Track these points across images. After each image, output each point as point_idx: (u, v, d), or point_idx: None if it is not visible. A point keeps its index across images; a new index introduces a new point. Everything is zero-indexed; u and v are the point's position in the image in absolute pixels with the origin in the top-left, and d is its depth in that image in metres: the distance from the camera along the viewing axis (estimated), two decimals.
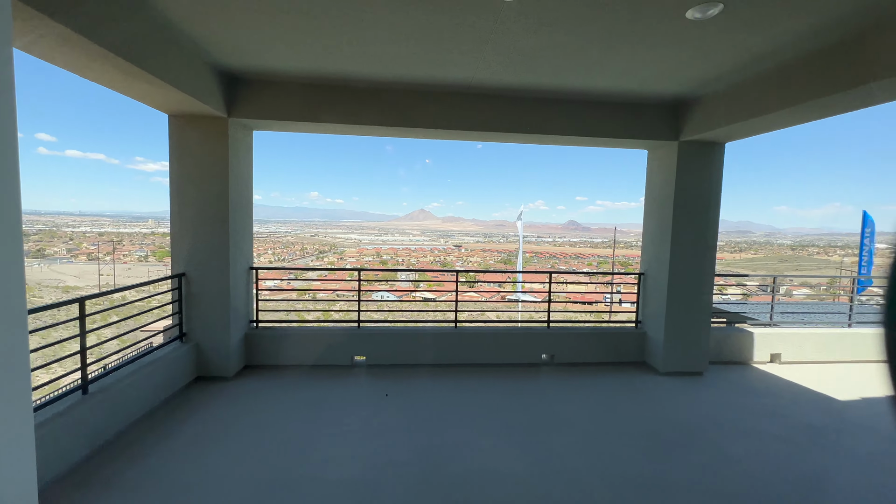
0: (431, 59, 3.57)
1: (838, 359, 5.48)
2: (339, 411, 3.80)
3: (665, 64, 3.52)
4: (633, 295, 5.53)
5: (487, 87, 4.26)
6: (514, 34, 3.05)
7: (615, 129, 4.64)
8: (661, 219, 4.94)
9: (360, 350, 4.97)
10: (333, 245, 55.65)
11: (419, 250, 60.08)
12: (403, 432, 3.46)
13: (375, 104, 4.34)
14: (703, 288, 4.85)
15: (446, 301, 5.51)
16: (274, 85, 4.22)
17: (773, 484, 2.88)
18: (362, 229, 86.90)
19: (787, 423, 3.77)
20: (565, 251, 58.05)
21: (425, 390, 4.31)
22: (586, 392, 4.38)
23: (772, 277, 6.35)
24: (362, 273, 5.25)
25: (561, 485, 2.83)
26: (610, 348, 5.24)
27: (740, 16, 2.69)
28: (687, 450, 3.32)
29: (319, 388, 4.29)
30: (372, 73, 3.92)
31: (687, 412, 3.96)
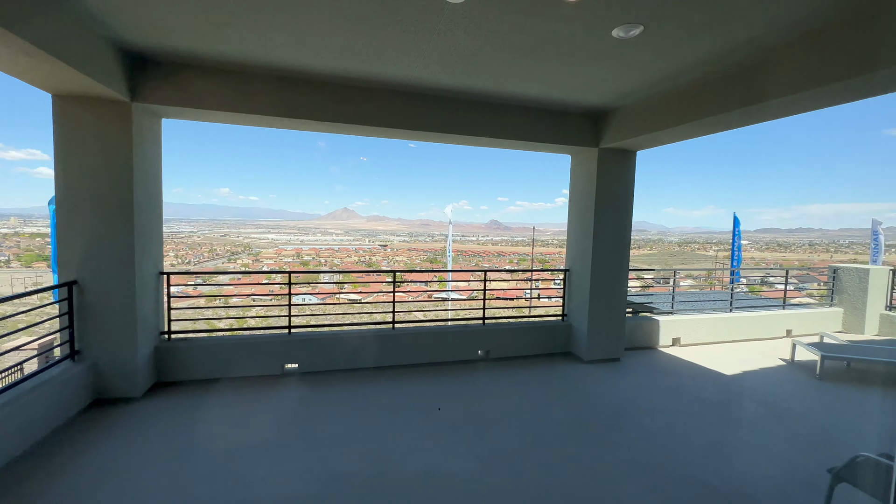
0: (370, 55, 3.47)
1: (723, 339, 6.41)
2: (271, 425, 3.53)
3: (590, 76, 3.81)
4: (551, 290, 5.91)
5: (425, 87, 4.25)
6: (456, 36, 3.09)
7: (544, 134, 4.92)
8: (584, 219, 5.35)
9: (292, 357, 4.67)
10: (247, 246, 51.60)
11: (343, 250, 58.19)
12: (344, 441, 3.32)
13: (308, 97, 4.10)
14: (619, 282, 5.35)
15: (384, 302, 5.40)
16: (189, 69, 3.79)
17: (682, 453, 3.27)
18: (280, 229, 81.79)
19: (689, 397, 4.31)
20: (488, 249, 60.30)
21: (365, 395, 4.18)
22: (521, 384, 4.59)
23: (672, 271, 7.22)
24: (292, 275, 4.93)
25: (506, 475, 2.93)
26: (540, 341, 5.55)
27: (655, 39, 3.01)
28: (612, 429, 3.64)
29: (247, 401, 3.95)
30: (306, 64, 3.70)
31: (610, 395, 4.34)
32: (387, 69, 3.79)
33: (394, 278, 5.20)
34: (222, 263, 41.08)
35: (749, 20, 2.73)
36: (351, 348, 4.85)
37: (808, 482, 2.90)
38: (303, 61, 3.65)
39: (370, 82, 4.14)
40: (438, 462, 3.07)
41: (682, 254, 56.09)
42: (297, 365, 4.70)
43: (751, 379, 4.92)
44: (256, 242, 55.24)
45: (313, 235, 70.41)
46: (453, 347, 5.21)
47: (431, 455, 3.17)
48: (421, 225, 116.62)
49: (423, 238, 75.48)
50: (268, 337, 4.71)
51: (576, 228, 5.56)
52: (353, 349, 4.86)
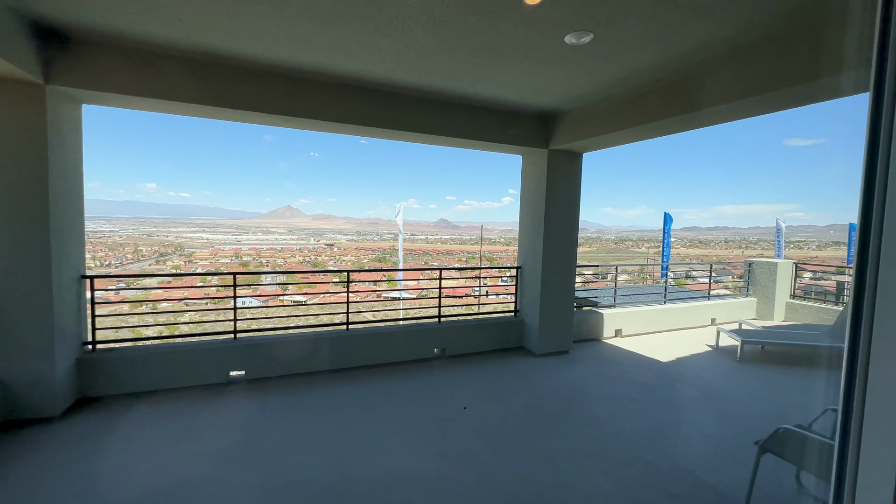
0: (325, 47, 3.34)
1: (659, 329, 6.94)
2: (216, 437, 3.30)
3: (542, 79, 3.95)
4: (500, 287, 6.07)
5: (380, 83, 4.17)
6: (414, 33, 3.06)
7: (497, 134, 5.02)
8: (535, 218, 5.54)
9: (238, 364, 4.40)
10: (179, 246, 47.73)
11: (287, 250, 55.62)
12: (300, 448, 3.19)
13: (254, 87, 3.86)
14: (568, 278, 5.61)
15: (337, 303, 5.24)
16: (115, 49, 3.42)
17: (629, 436, 3.49)
18: (216, 228, 76.76)
19: (632, 384, 4.62)
20: (437, 248, 60.60)
21: (320, 399, 4.04)
22: (477, 380, 4.66)
23: (614, 267, 7.69)
24: (237, 277, 4.63)
25: (466, 470, 2.96)
26: (494, 337, 5.67)
27: (604, 46, 3.18)
28: (565, 418, 3.81)
29: (187, 414, 3.66)
30: (254, 52, 3.48)
31: (561, 386, 4.54)
32: (341, 63, 3.67)
33: (347, 278, 5.06)
34: (150, 266, 37.68)
35: (685, 35, 2.97)
36: (303, 351, 4.66)
37: (735, 455, 3.21)
38: (248, 49, 3.43)
39: (323, 75, 3.98)
40: (399, 462, 3.04)
41: (618, 250, 59.90)
42: (243, 372, 4.43)
43: (683, 364, 5.37)
44: (189, 242, 51.31)
45: (253, 235, 66.69)
46: (410, 346, 5.18)
47: (391, 456, 3.13)
48: (369, 224, 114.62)
49: (371, 237, 74.21)
50: (210, 343, 4.39)
51: (527, 227, 5.74)
52: (305, 352, 4.67)
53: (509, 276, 13.87)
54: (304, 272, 5.29)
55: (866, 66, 0.85)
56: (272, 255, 50.85)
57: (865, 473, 0.76)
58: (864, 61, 0.91)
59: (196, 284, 23.02)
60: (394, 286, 14.25)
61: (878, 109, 0.76)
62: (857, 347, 0.76)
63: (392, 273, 16.30)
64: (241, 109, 3.85)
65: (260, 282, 22.62)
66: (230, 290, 4.53)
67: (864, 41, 0.98)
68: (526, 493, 2.74)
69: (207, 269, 36.58)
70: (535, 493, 2.73)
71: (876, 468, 0.74)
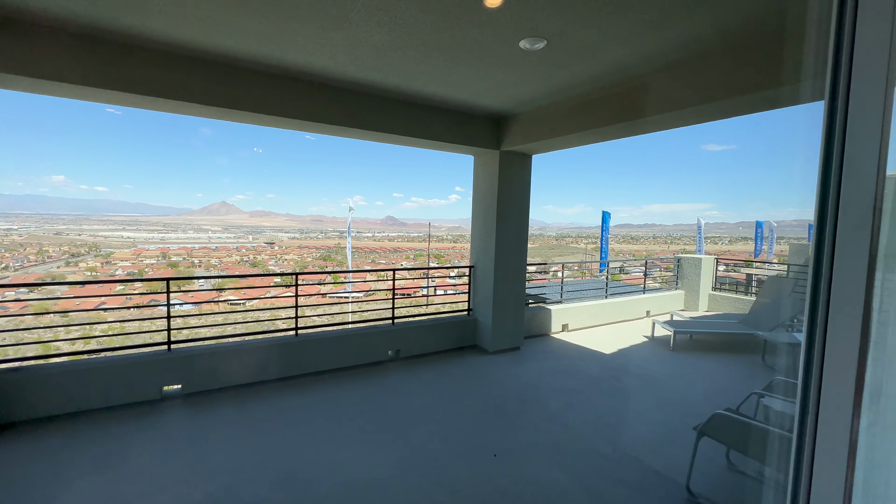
0: (270, 37, 3.13)
1: (602, 322, 7.35)
2: (150, 460, 3.00)
3: (495, 82, 3.99)
4: (449, 285, 6.12)
5: (329, 78, 3.99)
6: (369, 27, 2.95)
7: (449, 134, 5.02)
8: (487, 218, 5.62)
9: (174, 378, 4.03)
10: (94, 246, 42.94)
11: (222, 249, 52.14)
12: (251, 465, 2.99)
13: (189, 77, 3.53)
14: (519, 276, 5.76)
15: (284, 307, 4.97)
16: (27, 27, 2.96)
17: (580, 428, 3.66)
18: (139, 225, 70.12)
19: (580, 376, 4.86)
20: (385, 246, 59.82)
21: (269, 410, 3.81)
22: (432, 380, 4.65)
23: (560, 264, 8.03)
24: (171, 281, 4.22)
25: (427, 474, 2.95)
26: (448, 336, 5.69)
27: (556, 53, 3.28)
28: (520, 414, 3.91)
29: (115, 437, 3.29)
30: (190, 38, 3.17)
31: (515, 382, 4.65)
32: (288, 55, 3.46)
33: (296, 281, 4.82)
34: (58, 268, 33.50)
35: (632, 47, 3.14)
36: (249, 360, 4.37)
37: (674, 439, 3.48)
38: (175, 33, 3.12)
39: (268, 67, 3.74)
40: (358, 472, 2.95)
41: (559, 247, 62.79)
42: (179, 386, 4.07)
43: (624, 355, 5.74)
44: (106, 242, 46.41)
45: (183, 233, 61.69)
46: (363, 350, 5.05)
47: (350, 466, 3.03)
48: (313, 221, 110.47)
49: (315, 235, 71.61)
50: (139, 357, 3.97)
51: (479, 227, 5.81)
52: (251, 361, 4.38)
53: (456, 274, 14.02)
54: (253, 276, 4.95)
55: (811, 77, 0.93)
56: (206, 254, 47.41)
57: (820, 465, 0.83)
58: (804, 74, 0.99)
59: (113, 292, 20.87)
60: (341, 286, 13.85)
61: (832, 118, 0.82)
62: (813, 341, 0.83)
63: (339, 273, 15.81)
64: (166, 99, 3.48)
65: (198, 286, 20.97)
66: (157, 294, 4.13)
67: (797, 56, 1.10)
68: (487, 492, 2.77)
69: (129, 270, 33.31)
70: (497, 492, 2.77)
71: (829, 460, 0.82)
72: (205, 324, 4.61)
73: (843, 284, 0.79)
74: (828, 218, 0.81)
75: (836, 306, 0.80)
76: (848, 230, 0.79)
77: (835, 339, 0.81)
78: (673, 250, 59.10)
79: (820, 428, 0.83)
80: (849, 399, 0.80)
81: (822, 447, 0.83)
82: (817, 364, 0.84)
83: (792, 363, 4.53)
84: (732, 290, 9.57)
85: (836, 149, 0.80)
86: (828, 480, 0.82)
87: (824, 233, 0.82)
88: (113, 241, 47.21)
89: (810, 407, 0.85)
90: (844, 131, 0.80)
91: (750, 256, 18.03)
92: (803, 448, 0.86)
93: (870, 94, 0.77)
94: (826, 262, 0.81)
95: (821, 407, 0.83)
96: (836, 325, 0.80)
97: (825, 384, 0.83)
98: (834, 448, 0.81)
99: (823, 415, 0.83)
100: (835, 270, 0.80)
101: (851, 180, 0.78)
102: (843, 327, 0.80)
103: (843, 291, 0.79)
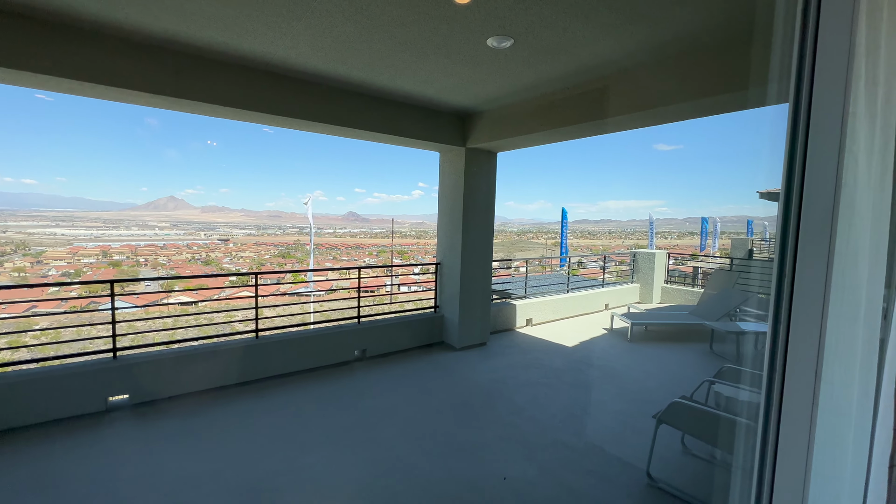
0: (226, 22, 2.94)
1: (564, 316, 7.58)
2: (98, 477, 2.78)
3: (462, 78, 3.98)
4: (412, 279, 6.10)
5: (290, 69, 3.83)
6: (333, 18, 2.85)
7: (415, 130, 4.97)
8: (453, 214, 5.62)
9: (120, 388, 3.75)
10: (22, 244, 39.19)
11: (171, 247, 49.16)
12: (211, 477, 2.83)
13: (134, 62, 3.26)
14: (485, 272, 5.82)
15: (245, 308, 4.74)
16: None
17: (546, 420, 3.76)
18: (75, 221, 64.63)
19: (545, 370, 4.98)
20: (346, 242, 58.66)
21: (230, 417, 3.63)
22: (400, 379, 4.62)
23: (523, 260, 8.18)
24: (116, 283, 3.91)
25: (396, 474, 2.92)
26: (415, 334, 5.66)
27: (522, 52, 3.31)
28: (488, 409, 3.95)
29: (55, 454, 3.02)
30: (132, 20, 2.92)
31: (482, 378, 4.70)
32: (245, 43, 3.27)
33: (256, 280, 4.60)
34: None
35: (594, 50, 3.22)
36: (206, 365, 4.14)
37: (634, 427, 3.65)
38: (124, 16, 2.87)
39: (224, 55, 3.52)
40: (325, 476, 2.88)
41: (521, 242, 64.18)
42: (126, 396, 3.79)
43: (586, 348, 5.95)
44: (36, 239, 42.55)
45: (127, 229, 57.62)
46: (328, 350, 4.92)
47: (316, 470, 2.94)
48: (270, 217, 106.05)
49: (273, 231, 69.05)
50: (78, 366, 3.66)
51: (446, 223, 5.81)
52: (208, 366, 4.15)
53: (421, 270, 13.99)
54: (211, 276, 4.67)
55: (772, 81, 0.98)
56: (152, 252, 44.60)
57: (783, 453, 0.89)
58: (765, 78, 1.04)
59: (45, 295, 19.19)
60: (304, 285, 13.43)
61: (796, 117, 0.87)
62: (777, 333, 0.88)
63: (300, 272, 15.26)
64: (105, 86, 3.19)
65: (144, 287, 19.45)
66: (99, 297, 3.81)
67: (754, 61, 1.16)
68: (458, 489, 2.78)
69: (65, 270, 30.72)
70: (468, 488, 2.79)
71: (792, 443, 0.87)
72: (154, 328, 4.31)
73: (805, 280, 0.84)
74: (791, 215, 0.85)
75: (799, 300, 0.85)
76: (810, 227, 0.83)
77: (797, 332, 0.86)
78: (627, 245, 62.05)
79: (784, 416, 0.88)
80: (809, 388, 0.85)
81: (785, 430, 0.88)
82: (780, 357, 0.88)
83: (736, 350, 4.88)
84: (682, 283, 10.17)
85: (800, 149, 0.85)
86: (791, 463, 0.88)
87: (788, 229, 0.86)
88: (44, 239, 43.33)
89: (774, 396, 0.90)
90: (808, 132, 0.84)
91: (696, 250, 19.24)
92: (768, 433, 0.91)
93: (830, 98, 0.82)
94: (790, 257, 0.85)
95: (784, 396, 0.88)
96: (798, 319, 0.85)
97: (788, 375, 0.87)
98: (796, 432, 0.86)
99: (787, 404, 0.88)
100: (798, 266, 0.84)
101: (813, 179, 0.83)
102: (805, 321, 0.84)
103: (805, 287, 0.84)
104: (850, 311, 1.01)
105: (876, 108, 1.15)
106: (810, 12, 0.82)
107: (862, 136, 1.14)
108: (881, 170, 1.18)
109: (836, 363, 0.88)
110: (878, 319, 1.13)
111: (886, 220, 1.17)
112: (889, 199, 1.17)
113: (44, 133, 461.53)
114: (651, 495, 2.79)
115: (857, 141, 1.13)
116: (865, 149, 1.15)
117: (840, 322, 0.93)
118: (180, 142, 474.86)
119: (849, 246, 1.06)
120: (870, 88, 1.14)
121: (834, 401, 0.90)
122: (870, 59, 1.12)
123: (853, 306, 1.03)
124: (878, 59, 1.08)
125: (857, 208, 1.11)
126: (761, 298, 6.90)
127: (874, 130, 1.13)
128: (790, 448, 0.85)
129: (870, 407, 1.14)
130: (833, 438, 1.00)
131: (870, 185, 1.16)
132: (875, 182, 1.17)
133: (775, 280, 0.86)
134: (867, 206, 1.14)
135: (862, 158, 1.15)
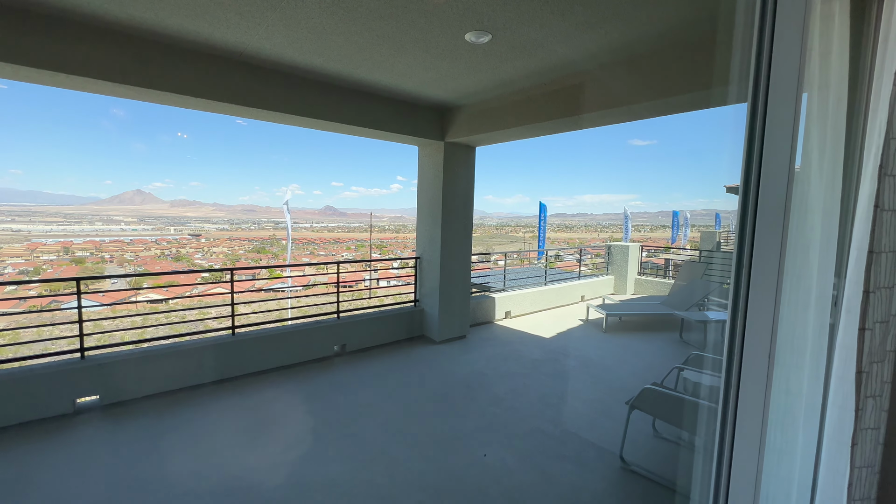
0: (196, 10, 2.84)
1: (542, 308, 7.73)
2: (68, 482, 2.69)
3: (441, 73, 3.98)
4: (391, 274, 6.10)
5: (264, 60, 3.73)
6: (308, 9, 2.79)
7: (394, 124, 4.93)
8: (433, 208, 5.63)
9: (89, 389, 3.62)
10: None
11: (138, 242, 47.31)
12: (187, 475, 2.78)
13: (100, 50, 3.11)
14: (465, 266, 5.86)
15: (221, 305, 4.63)
16: None
17: (524, 409, 3.85)
18: (33, 216, 61.34)
19: (523, 361, 5.08)
20: (324, 237, 57.76)
21: (206, 417, 3.56)
22: (380, 373, 4.62)
23: (503, 254, 8.29)
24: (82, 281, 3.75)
25: (378, 469, 2.94)
26: (395, 328, 5.67)
27: (500, 47, 3.34)
28: (468, 400, 4.02)
29: (20, 460, 2.90)
30: (97, 6, 2.79)
31: (462, 370, 4.76)
32: (216, 32, 3.17)
33: (231, 276, 4.51)
34: None
35: (571, 46, 3.28)
36: (180, 364, 4.04)
37: (608, 413, 3.78)
38: (90, 1, 2.74)
39: (195, 44, 3.40)
40: (306, 472, 2.87)
41: (499, 235, 64.79)
42: (96, 397, 3.67)
43: (563, 339, 6.09)
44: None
45: (90, 224, 55.05)
46: (307, 346, 4.87)
47: (297, 467, 2.93)
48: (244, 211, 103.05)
49: (247, 226, 67.26)
50: (43, 368, 3.51)
51: (425, 217, 5.81)
52: (183, 364, 4.05)
53: (400, 264, 13.95)
54: (184, 272, 4.52)
55: (732, 82, 1.04)
56: (118, 248, 42.81)
57: (740, 433, 0.95)
58: (727, 79, 1.10)
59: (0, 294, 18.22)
60: (281, 280, 13.18)
61: (753, 116, 0.92)
62: (736, 321, 0.94)
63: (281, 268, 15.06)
64: (67, 74, 3.03)
65: (110, 285, 18.46)
66: (62, 296, 3.67)
67: (711, 63, 1.23)
68: (439, 479, 2.83)
69: (23, 268, 29.24)
70: (448, 478, 2.84)
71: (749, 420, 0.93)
72: (122, 327, 4.17)
73: (760, 269, 0.90)
74: (749, 209, 0.91)
75: (755, 289, 0.91)
76: (765, 220, 0.89)
77: (753, 318, 0.92)
78: (602, 238, 63.35)
79: (741, 398, 0.94)
80: (763, 371, 0.92)
81: (742, 410, 0.94)
82: (738, 342, 0.94)
83: (703, 338, 5.10)
84: (654, 275, 10.50)
85: (756, 146, 0.91)
86: (746, 441, 0.94)
87: (746, 222, 0.91)
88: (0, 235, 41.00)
89: (733, 380, 0.96)
90: (763, 131, 0.90)
91: (667, 243, 19.85)
92: (727, 414, 0.97)
93: (785, 100, 0.87)
94: (747, 249, 0.91)
95: (742, 379, 0.94)
96: (754, 307, 0.91)
97: (745, 359, 0.93)
98: (751, 412, 0.93)
99: (744, 386, 0.94)
100: (754, 257, 0.90)
101: (768, 175, 0.89)
102: (760, 308, 0.91)
103: (760, 276, 0.90)
104: (802, 298, 1.09)
105: (827, 110, 1.23)
106: (767, 18, 0.87)
107: (814, 135, 1.22)
108: (832, 167, 1.26)
109: (788, 347, 0.95)
110: (829, 306, 1.22)
111: (836, 213, 1.26)
112: (839, 194, 1.26)
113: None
114: (624, 477, 2.91)
115: (810, 139, 1.22)
116: (818, 147, 1.23)
117: (792, 308, 1.00)
118: (148, 133, 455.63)
119: (801, 237, 1.14)
120: (822, 91, 1.22)
121: (785, 382, 0.97)
122: (823, 64, 1.20)
123: (804, 294, 1.11)
124: (829, 64, 1.16)
125: (810, 202, 1.19)
126: (725, 288, 7.22)
127: (825, 130, 1.21)
128: (746, 427, 0.91)
129: (819, 387, 1.24)
130: (785, 417, 1.08)
131: (822, 180, 1.24)
132: (826, 178, 1.25)
133: (734, 270, 0.92)
134: (818, 201, 1.22)
135: (814, 156, 1.24)
